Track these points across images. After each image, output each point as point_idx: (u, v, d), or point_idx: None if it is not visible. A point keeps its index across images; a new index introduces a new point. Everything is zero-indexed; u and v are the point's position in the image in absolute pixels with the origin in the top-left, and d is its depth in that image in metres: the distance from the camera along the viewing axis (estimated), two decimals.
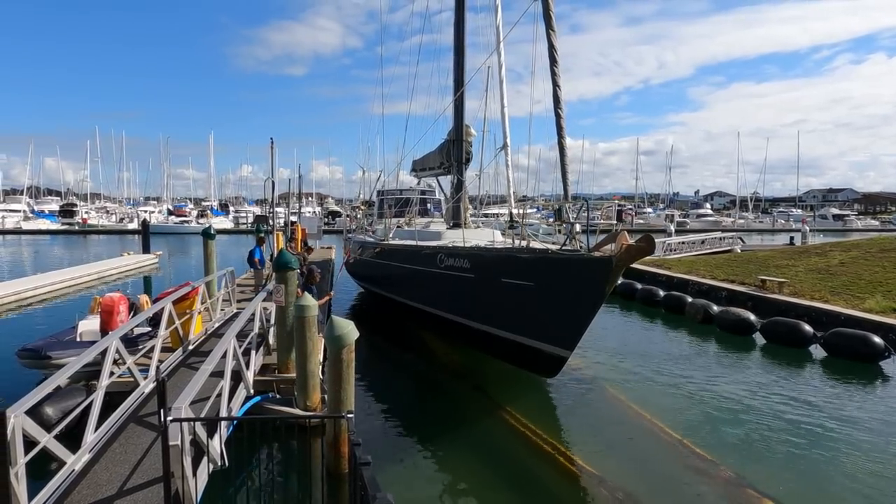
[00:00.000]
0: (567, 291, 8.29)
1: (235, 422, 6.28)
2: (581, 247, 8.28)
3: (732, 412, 8.78)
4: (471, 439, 7.93)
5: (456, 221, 15.31)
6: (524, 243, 9.39)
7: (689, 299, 16.11)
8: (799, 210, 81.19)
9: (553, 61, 9.69)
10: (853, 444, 7.63)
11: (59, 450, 4.89)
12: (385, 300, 16.08)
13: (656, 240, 29.00)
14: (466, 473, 7.02)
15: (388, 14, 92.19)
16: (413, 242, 13.16)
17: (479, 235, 13.62)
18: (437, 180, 20.09)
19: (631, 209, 76.69)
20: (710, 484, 6.60)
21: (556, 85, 9.67)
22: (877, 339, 11.25)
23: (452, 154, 16.29)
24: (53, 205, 73.32)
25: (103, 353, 6.20)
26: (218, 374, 5.93)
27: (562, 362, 9.03)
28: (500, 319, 10.00)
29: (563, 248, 8.50)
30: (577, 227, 8.57)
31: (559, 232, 9.71)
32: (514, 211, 11.70)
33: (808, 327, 12.45)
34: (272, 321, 9.31)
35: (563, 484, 6.73)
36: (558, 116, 9.67)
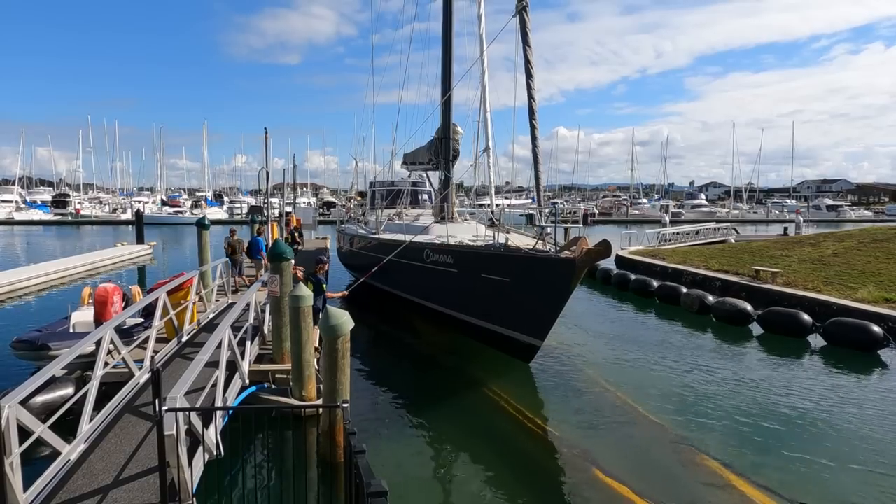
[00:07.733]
0: (538, 287, 9.17)
1: (231, 412, 6.29)
2: (550, 248, 9.12)
3: (726, 396, 8.83)
4: (462, 422, 8.13)
5: (443, 216, 15.50)
6: (504, 238, 10.19)
7: (684, 290, 16.16)
8: (793, 201, 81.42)
9: (528, 75, 10.19)
10: (849, 429, 7.70)
11: (54, 440, 4.89)
12: (375, 290, 16.19)
13: (651, 230, 29.35)
14: (457, 454, 7.27)
15: (381, 1, 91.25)
16: (402, 236, 13.34)
17: (465, 229, 13.91)
18: (427, 174, 20.12)
19: (625, 200, 76.97)
20: (685, 463, 6.68)
21: (531, 98, 10.23)
22: (876, 329, 11.32)
23: (440, 152, 16.48)
24: (46, 195, 72.51)
25: (98, 344, 6.18)
26: (213, 364, 5.92)
27: (535, 350, 9.86)
28: (480, 311, 10.85)
29: (535, 248, 9.35)
30: (549, 230, 9.55)
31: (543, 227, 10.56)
32: (496, 207, 12.95)
33: (806, 317, 12.49)
34: (268, 311, 9.30)
35: (542, 454, 7.30)
36: (533, 127, 10.30)
